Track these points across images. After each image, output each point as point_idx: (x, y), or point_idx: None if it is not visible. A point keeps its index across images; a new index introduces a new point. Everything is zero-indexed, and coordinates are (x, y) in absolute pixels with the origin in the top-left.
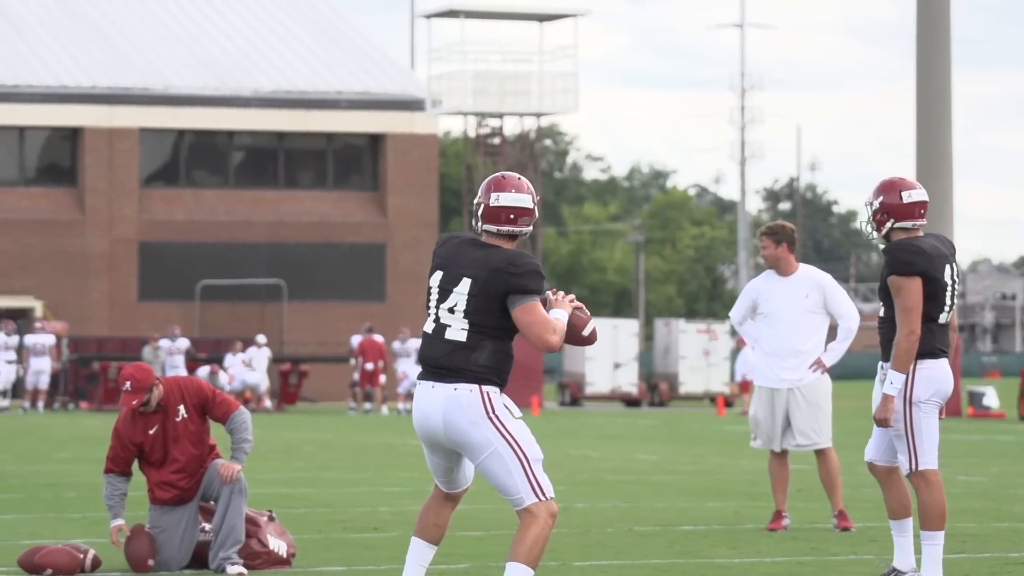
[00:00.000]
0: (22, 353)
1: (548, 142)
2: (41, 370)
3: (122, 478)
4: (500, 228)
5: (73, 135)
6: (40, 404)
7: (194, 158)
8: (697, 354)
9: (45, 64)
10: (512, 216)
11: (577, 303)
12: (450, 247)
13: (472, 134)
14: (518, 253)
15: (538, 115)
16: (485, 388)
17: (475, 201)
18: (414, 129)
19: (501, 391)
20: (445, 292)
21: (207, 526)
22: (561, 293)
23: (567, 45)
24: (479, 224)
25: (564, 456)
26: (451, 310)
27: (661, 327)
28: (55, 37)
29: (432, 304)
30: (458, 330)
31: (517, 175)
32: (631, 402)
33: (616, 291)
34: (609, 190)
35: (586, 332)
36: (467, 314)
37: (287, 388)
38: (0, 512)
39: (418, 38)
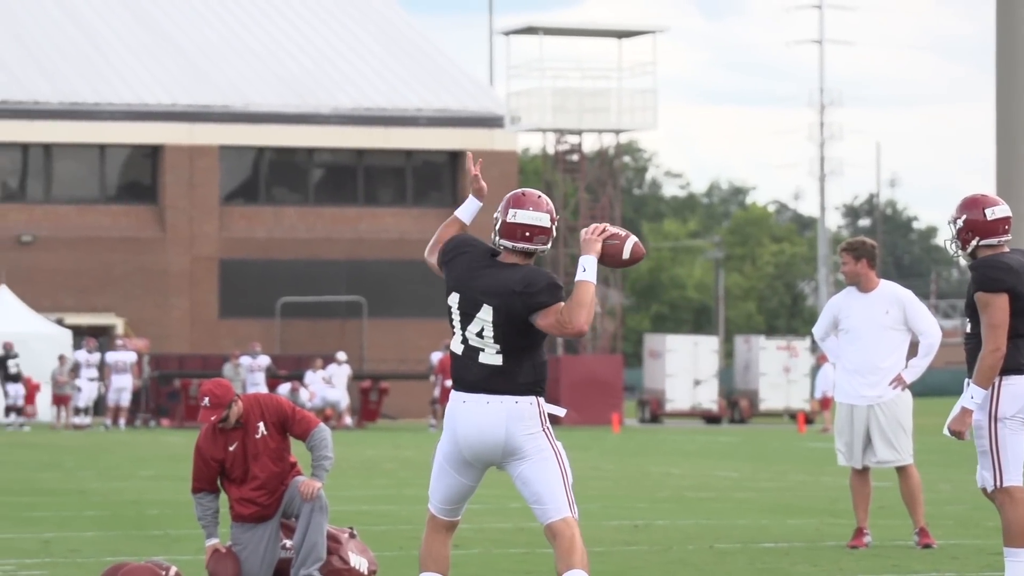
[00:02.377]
0: (104, 371)
1: (627, 159)
2: (123, 388)
3: (210, 496)
4: (515, 244)
5: (154, 153)
6: (122, 421)
7: (274, 175)
8: (777, 371)
9: (126, 82)
10: (528, 234)
11: (610, 230)
12: (461, 265)
13: (551, 151)
14: (533, 271)
15: (617, 132)
16: (539, 400)
17: (495, 215)
18: (493, 146)
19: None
20: (467, 316)
21: (288, 543)
22: (593, 227)
23: (646, 62)
24: (496, 238)
25: (645, 473)
26: (479, 334)
27: (741, 344)
28: (135, 55)
29: (457, 325)
30: (492, 355)
31: (538, 193)
32: (711, 419)
33: (696, 308)
34: (688, 207)
35: (626, 255)
36: (497, 339)
37: (367, 405)
38: (83, 529)
39: (497, 55)
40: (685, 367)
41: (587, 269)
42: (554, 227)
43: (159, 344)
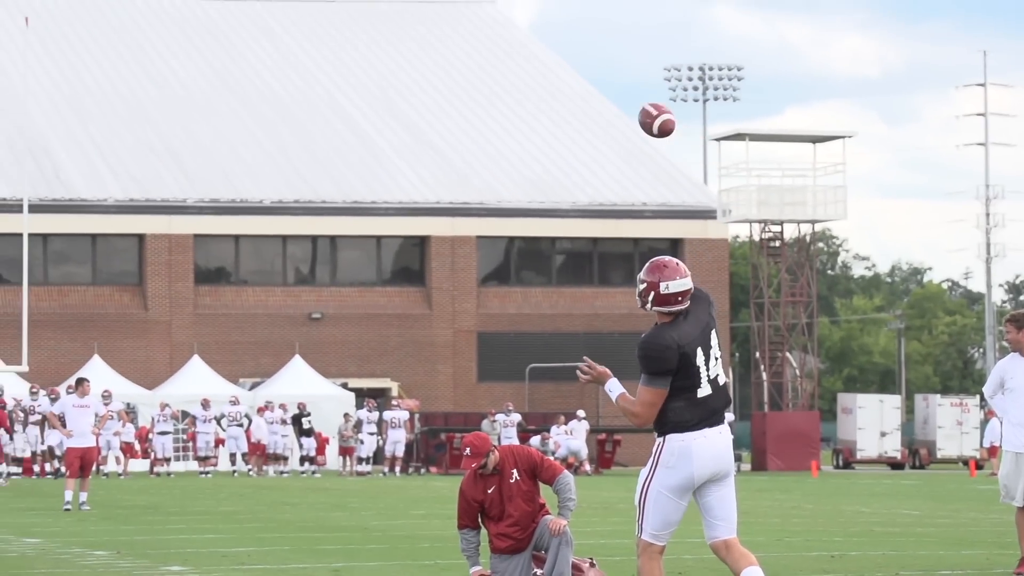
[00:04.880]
0: (381, 426)
1: (821, 244)
2: (398, 440)
3: (473, 531)
4: (671, 309)
5: (422, 242)
6: (397, 469)
7: (522, 261)
8: (952, 424)
9: (397, 183)
10: (680, 298)
11: (648, 108)
12: (686, 333)
13: (756, 238)
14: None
15: (813, 222)
16: None
17: (643, 284)
18: (707, 234)
19: None
20: (706, 363)
21: (539, 572)
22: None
23: (837, 162)
24: (650, 307)
25: (839, 512)
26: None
27: (920, 401)
28: (405, 160)
29: (702, 374)
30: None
31: (676, 261)
32: (895, 465)
33: (881, 371)
34: (874, 285)
35: (655, 131)
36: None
37: (603, 454)
38: (366, 560)
39: (710, 158)
40: (873, 421)
41: (612, 389)
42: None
43: (427, 403)
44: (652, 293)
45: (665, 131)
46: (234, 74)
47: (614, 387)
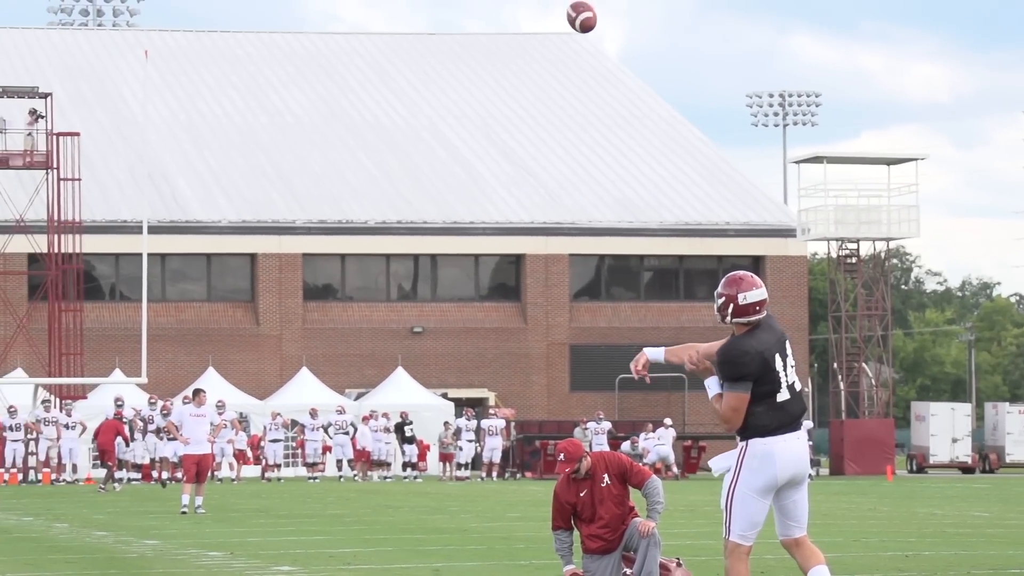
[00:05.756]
0: (479, 434)
1: (895, 261)
2: (495, 447)
3: (566, 532)
4: (750, 319)
5: (517, 260)
6: (494, 474)
7: (612, 277)
8: (1020, 430)
9: (494, 204)
10: (758, 308)
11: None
12: (764, 340)
13: (834, 255)
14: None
15: (887, 239)
16: None
17: (721, 298)
18: (787, 252)
19: None
20: (784, 371)
21: (628, 571)
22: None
23: (910, 183)
24: (728, 318)
25: (913, 514)
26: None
27: (990, 409)
28: (502, 183)
29: (782, 381)
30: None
31: (750, 274)
32: (966, 470)
33: (952, 380)
34: (945, 299)
35: (576, 27)
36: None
37: (689, 460)
38: (465, 560)
39: (790, 179)
40: (945, 428)
41: (710, 386)
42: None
43: (523, 412)
44: (731, 305)
45: (586, 28)
46: (342, 104)
47: (712, 385)
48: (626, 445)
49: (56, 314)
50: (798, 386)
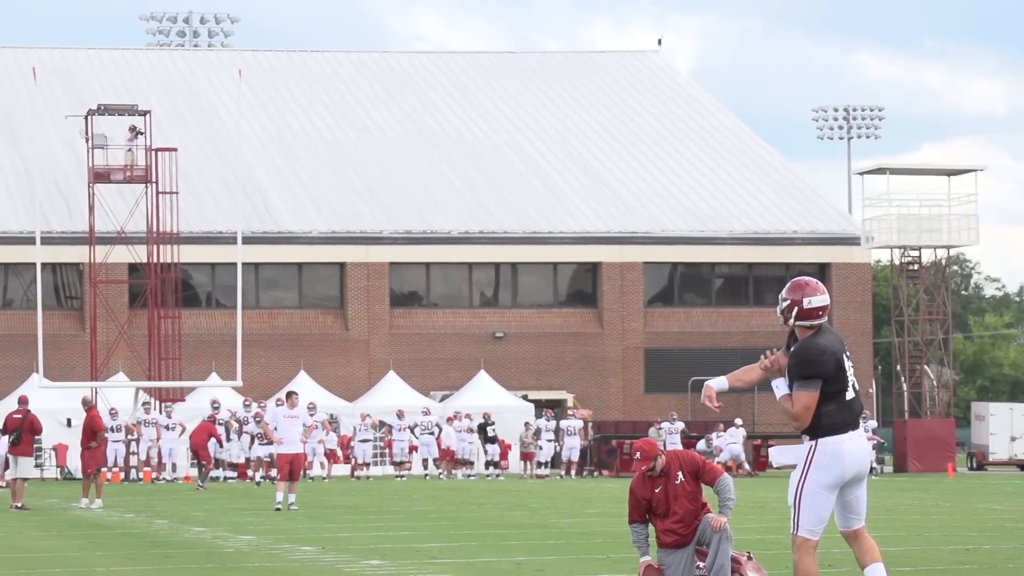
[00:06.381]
0: (558, 433)
1: (955, 267)
2: (573, 446)
3: (642, 525)
4: (813, 322)
5: (593, 268)
6: (572, 472)
7: (685, 284)
8: None
9: (572, 215)
10: (821, 312)
11: None
12: (832, 342)
13: (897, 262)
14: None
15: (948, 247)
16: None
17: (785, 302)
18: (852, 259)
19: None
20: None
21: (701, 564)
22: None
23: (969, 193)
24: (792, 321)
25: (973, 509)
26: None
27: None
28: (579, 194)
29: (850, 380)
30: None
31: (814, 280)
32: None
33: (1011, 382)
34: (1004, 304)
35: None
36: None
37: (759, 458)
38: (545, 554)
39: (854, 190)
40: (1004, 427)
41: (778, 387)
42: None
43: (600, 413)
44: (796, 309)
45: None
46: (426, 120)
47: (781, 385)
48: (701, 444)
49: (156, 321)
50: (857, 386)
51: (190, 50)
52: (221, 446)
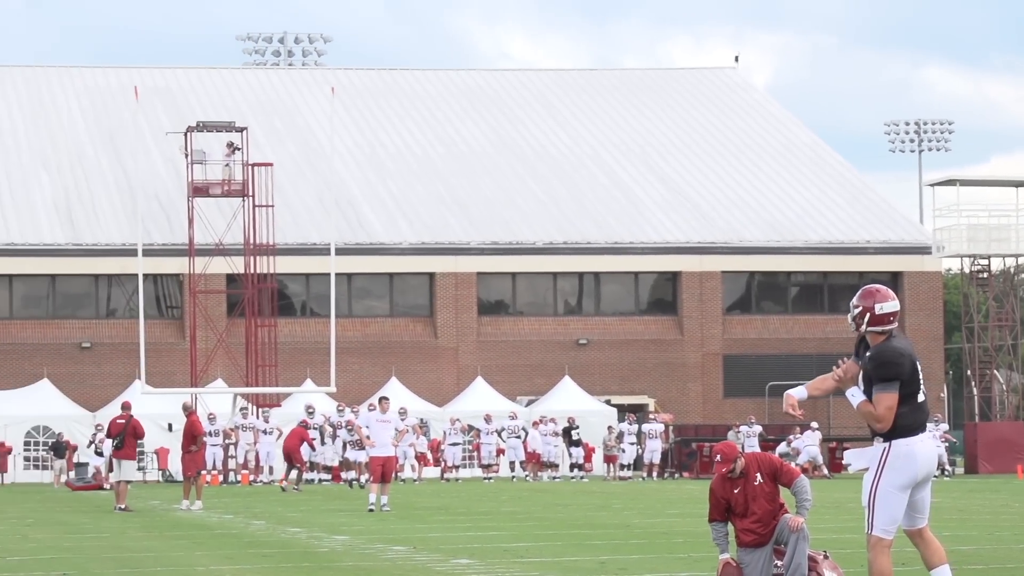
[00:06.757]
0: (640, 437)
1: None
2: (655, 449)
3: (722, 524)
4: (884, 328)
5: (673, 278)
6: (654, 474)
7: (761, 293)
8: None
9: (652, 226)
10: (892, 318)
11: None
12: (907, 346)
13: (967, 271)
14: None
15: (1016, 256)
16: None
17: (857, 309)
18: (924, 268)
19: None
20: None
21: (779, 563)
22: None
23: None
24: (864, 327)
25: None
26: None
27: None
28: (659, 206)
29: (921, 385)
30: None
31: (884, 287)
32: None
33: None
34: None
35: None
36: None
37: (834, 460)
38: (629, 553)
39: (925, 201)
40: None
41: (854, 395)
42: None
43: (680, 417)
44: (868, 315)
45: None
46: (512, 135)
47: (856, 393)
48: (782, 446)
49: (253, 329)
50: (925, 390)
51: (285, 69)
52: (313, 450)
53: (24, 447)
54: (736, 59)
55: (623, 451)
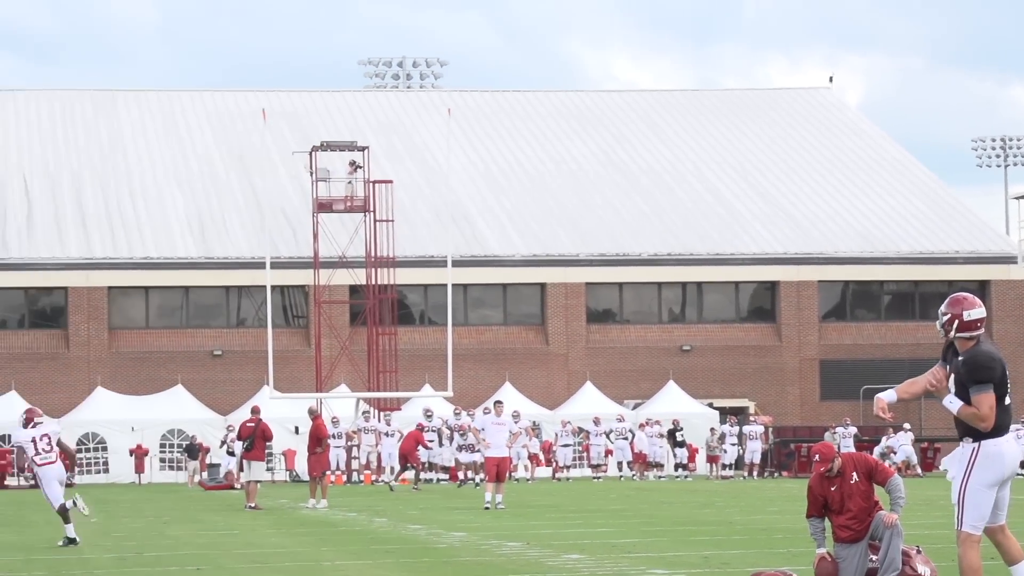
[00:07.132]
0: (741, 438)
1: None
2: (755, 450)
3: (819, 519)
4: (972, 334)
5: (772, 287)
6: (755, 473)
7: (856, 300)
8: None
9: (752, 238)
10: (979, 324)
11: None
12: (996, 350)
13: None
14: None
15: None
16: None
17: (946, 316)
18: (1010, 276)
19: None
20: None
21: (874, 557)
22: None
23: None
24: (953, 333)
25: None
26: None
27: None
28: (758, 219)
29: (1008, 386)
30: None
31: (971, 295)
32: None
33: None
34: None
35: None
36: None
37: (926, 459)
38: (731, 548)
39: (1011, 213)
40: None
41: (952, 402)
42: None
43: (779, 419)
44: (956, 321)
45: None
46: (618, 152)
47: (954, 400)
48: (878, 449)
49: (374, 337)
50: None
51: (404, 91)
52: (429, 450)
53: (160, 449)
54: (830, 79)
55: (725, 452)
